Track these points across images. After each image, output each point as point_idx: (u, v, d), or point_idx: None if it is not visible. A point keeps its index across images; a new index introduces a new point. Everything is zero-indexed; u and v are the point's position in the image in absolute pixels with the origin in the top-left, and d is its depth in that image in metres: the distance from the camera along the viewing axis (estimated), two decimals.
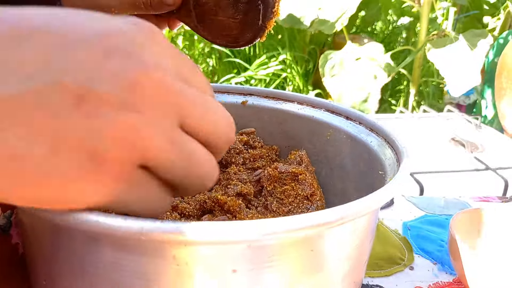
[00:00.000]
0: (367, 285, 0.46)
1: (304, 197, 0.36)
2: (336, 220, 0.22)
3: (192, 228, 0.20)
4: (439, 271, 0.49)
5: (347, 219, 0.23)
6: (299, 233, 0.22)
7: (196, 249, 0.22)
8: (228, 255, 0.22)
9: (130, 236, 0.20)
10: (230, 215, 0.32)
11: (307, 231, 0.22)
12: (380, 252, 0.51)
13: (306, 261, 0.24)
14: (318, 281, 0.26)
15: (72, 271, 0.24)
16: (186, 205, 0.33)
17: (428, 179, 0.70)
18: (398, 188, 0.27)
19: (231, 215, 0.32)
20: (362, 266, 0.31)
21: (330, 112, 0.43)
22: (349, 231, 0.26)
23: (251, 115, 0.47)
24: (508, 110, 0.86)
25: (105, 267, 0.23)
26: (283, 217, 0.21)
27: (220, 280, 0.23)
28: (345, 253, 0.27)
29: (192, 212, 0.33)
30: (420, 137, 0.90)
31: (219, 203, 0.33)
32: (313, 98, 0.45)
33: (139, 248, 0.22)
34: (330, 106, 0.43)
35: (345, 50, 1.71)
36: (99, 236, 0.22)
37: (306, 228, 0.21)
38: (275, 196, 0.36)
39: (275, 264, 0.23)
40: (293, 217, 0.21)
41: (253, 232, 0.20)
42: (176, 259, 0.22)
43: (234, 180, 0.37)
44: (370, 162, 0.38)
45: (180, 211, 0.33)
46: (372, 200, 0.24)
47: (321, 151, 0.44)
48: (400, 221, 0.58)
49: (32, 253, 0.28)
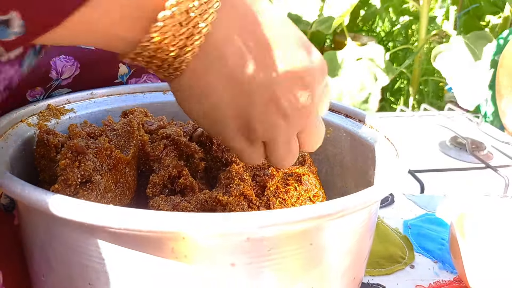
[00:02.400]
0: (368, 284, 0.46)
1: (307, 198, 0.36)
2: (336, 212, 0.22)
3: (190, 220, 0.20)
4: (439, 269, 0.49)
5: (346, 212, 0.23)
6: (298, 225, 0.22)
7: (195, 242, 0.22)
8: (227, 248, 0.22)
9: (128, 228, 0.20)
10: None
11: (306, 224, 0.22)
12: (380, 251, 0.51)
13: (305, 255, 0.24)
14: (317, 275, 0.25)
15: (69, 266, 0.24)
16: (187, 204, 0.33)
17: (429, 177, 0.70)
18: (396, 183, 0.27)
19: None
20: (362, 262, 0.31)
21: (330, 110, 0.43)
22: (348, 225, 0.26)
23: None
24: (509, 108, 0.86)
25: (103, 262, 0.23)
26: (282, 209, 0.21)
27: (219, 273, 0.23)
28: (345, 247, 0.27)
29: (193, 211, 0.33)
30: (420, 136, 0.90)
31: (221, 203, 0.32)
32: None
33: (138, 241, 0.22)
34: (330, 105, 0.43)
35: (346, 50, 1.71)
36: (96, 229, 0.22)
37: (305, 220, 0.21)
38: (278, 197, 0.36)
39: (274, 258, 0.23)
40: (292, 209, 0.21)
41: (252, 224, 0.20)
42: (175, 252, 0.22)
43: (235, 180, 0.37)
44: (370, 159, 0.38)
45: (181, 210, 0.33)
46: (371, 194, 0.24)
47: (321, 150, 0.44)
48: (401, 219, 0.58)
49: (30, 248, 0.28)
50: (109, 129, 0.35)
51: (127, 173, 0.33)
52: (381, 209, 0.60)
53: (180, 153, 0.38)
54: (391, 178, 0.27)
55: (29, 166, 0.35)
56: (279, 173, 0.37)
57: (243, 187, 0.35)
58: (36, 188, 0.22)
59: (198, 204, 0.34)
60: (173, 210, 0.33)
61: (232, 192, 0.34)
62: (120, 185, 0.32)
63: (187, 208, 0.33)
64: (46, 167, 0.34)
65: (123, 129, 0.35)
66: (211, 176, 0.40)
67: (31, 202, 0.22)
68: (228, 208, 0.32)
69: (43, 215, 0.24)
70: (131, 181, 0.33)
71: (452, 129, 0.90)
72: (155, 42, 0.23)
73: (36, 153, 0.34)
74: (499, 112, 0.89)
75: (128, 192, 0.33)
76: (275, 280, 0.24)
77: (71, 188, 0.29)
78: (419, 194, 0.66)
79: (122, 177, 0.32)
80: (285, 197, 0.36)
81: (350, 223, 0.26)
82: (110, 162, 0.31)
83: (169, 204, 0.31)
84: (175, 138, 0.37)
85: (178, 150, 0.37)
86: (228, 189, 0.35)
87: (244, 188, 0.35)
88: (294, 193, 0.36)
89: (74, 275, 0.25)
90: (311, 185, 0.36)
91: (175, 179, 0.34)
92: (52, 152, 0.33)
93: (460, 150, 0.81)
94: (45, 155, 0.34)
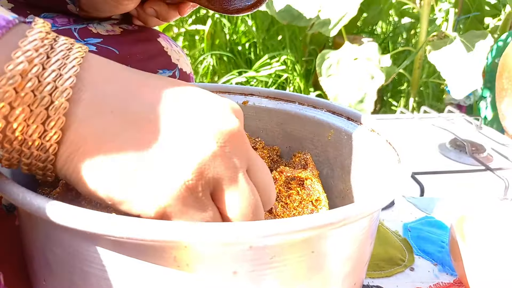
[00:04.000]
0: (368, 286, 0.46)
1: (309, 202, 0.36)
2: (338, 221, 0.22)
3: (192, 228, 0.20)
4: (439, 272, 0.49)
5: (348, 221, 0.23)
6: (301, 235, 0.22)
7: (197, 250, 0.22)
8: (229, 256, 0.22)
9: (130, 236, 0.20)
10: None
11: (309, 233, 0.22)
12: (380, 253, 0.51)
13: (307, 262, 0.24)
14: (318, 282, 0.25)
15: (71, 272, 0.24)
16: None
17: (429, 179, 0.70)
18: (399, 189, 0.27)
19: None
20: (363, 267, 0.31)
21: (331, 113, 0.43)
22: (350, 232, 0.26)
23: (252, 116, 0.46)
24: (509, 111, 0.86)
25: (104, 268, 0.23)
26: (285, 218, 0.21)
27: (221, 281, 0.23)
28: (346, 254, 0.26)
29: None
30: (420, 138, 0.90)
31: None
32: (314, 99, 0.44)
33: (140, 249, 0.22)
34: (331, 107, 0.43)
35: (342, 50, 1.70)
36: (98, 237, 0.22)
37: (308, 229, 0.21)
38: (280, 200, 0.36)
39: (276, 266, 0.23)
40: (295, 218, 0.21)
41: (255, 233, 0.20)
42: (177, 260, 0.22)
43: None
44: (371, 163, 0.38)
45: None
46: (374, 202, 0.24)
47: (322, 152, 0.44)
48: (401, 222, 0.58)
49: (31, 252, 0.27)
50: None
51: None
52: (381, 212, 0.60)
53: None
54: (393, 184, 0.27)
55: None
56: (282, 177, 0.37)
57: None
58: (36, 195, 0.22)
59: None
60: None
61: None
62: None
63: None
64: None
65: None
66: None
67: (32, 210, 0.22)
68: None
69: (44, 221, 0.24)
70: None
71: (452, 132, 0.90)
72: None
73: None
74: (499, 115, 0.89)
75: None
76: (277, 287, 0.24)
77: (73, 192, 0.29)
78: (419, 196, 0.66)
79: None
80: (287, 201, 0.36)
81: (352, 231, 0.26)
82: None
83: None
84: None
85: None
86: None
87: None
88: (296, 197, 0.36)
89: (75, 281, 0.25)
90: (314, 189, 0.36)
91: None
92: None
93: (460, 153, 0.81)
94: None
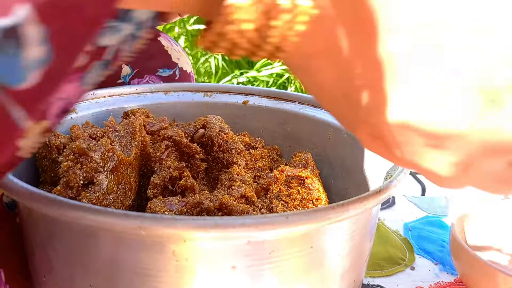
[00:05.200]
0: (368, 285, 0.46)
1: (310, 201, 0.36)
2: (336, 216, 0.22)
3: (192, 223, 0.20)
4: (440, 271, 0.49)
5: (347, 216, 0.23)
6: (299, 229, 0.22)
7: (196, 244, 0.22)
8: (228, 251, 0.22)
9: (129, 231, 0.20)
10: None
11: (307, 227, 0.22)
12: (381, 252, 0.51)
13: (306, 257, 0.24)
14: (317, 277, 0.25)
15: (71, 267, 0.24)
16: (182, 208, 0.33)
17: None
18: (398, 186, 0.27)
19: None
20: (362, 264, 0.31)
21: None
22: (349, 228, 0.26)
23: (252, 115, 0.47)
24: None
25: (104, 263, 0.23)
26: (283, 213, 0.21)
27: (220, 276, 0.23)
28: (345, 250, 0.27)
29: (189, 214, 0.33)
30: None
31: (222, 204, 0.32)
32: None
33: (139, 243, 0.22)
34: None
35: None
36: (98, 231, 0.22)
37: (306, 223, 0.21)
38: (280, 199, 0.36)
39: (274, 261, 0.23)
40: (293, 213, 0.21)
41: (253, 227, 0.20)
42: (176, 254, 0.22)
43: (237, 182, 0.37)
44: (371, 161, 0.38)
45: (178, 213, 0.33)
46: (371, 197, 0.24)
47: (322, 151, 0.44)
48: (401, 222, 0.58)
49: (31, 250, 0.28)
50: (111, 130, 0.35)
51: (129, 174, 0.33)
52: (382, 211, 0.60)
53: (181, 154, 0.38)
54: (392, 181, 0.27)
55: (30, 166, 0.35)
56: (282, 176, 0.37)
57: (245, 189, 0.35)
58: (37, 190, 0.22)
59: (194, 208, 0.33)
60: (169, 212, 0.33)
61: (233, 194, 0.34)
62: (122, 186, 0.32)
63: (182, 211, 0.33)
64: (47, 168, 0.34)
65: (125, 130, 0.35)
66: (212, 177, 0.40)
67: (33, 205, 0.22)
68: (229, 210, 0.32)
69: (44, 216, 0.24)
70: (132, 182, 0.34)
71: None
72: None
73: (37, 154, 0.34)
74: None
75: (129, 193, 0.33)
76: (275, 282, 0.24)
77: (73, 190, 0.29)
78: (420, 196, 0.66)
79: (124, 178, 0.32)
80: (287, 200, 0.36)
81: (351, 226, 0.26)
82: (112, 164, 0.31)
83: (166, 206, 0.31)
84: (177, 139, 0.37)
85: (179, 151, 0.37)
86: (229, 191, 0.35)
87: (246, 190, 0.35)
88: (296, 196, 0.36)
89: (75, 276, 0.25)
90: (314, 188, 0.36)
91: (176, 180, 0.34)
92: (54, 153, 0.33)
93: None
94: (47, 156, 0.34)
